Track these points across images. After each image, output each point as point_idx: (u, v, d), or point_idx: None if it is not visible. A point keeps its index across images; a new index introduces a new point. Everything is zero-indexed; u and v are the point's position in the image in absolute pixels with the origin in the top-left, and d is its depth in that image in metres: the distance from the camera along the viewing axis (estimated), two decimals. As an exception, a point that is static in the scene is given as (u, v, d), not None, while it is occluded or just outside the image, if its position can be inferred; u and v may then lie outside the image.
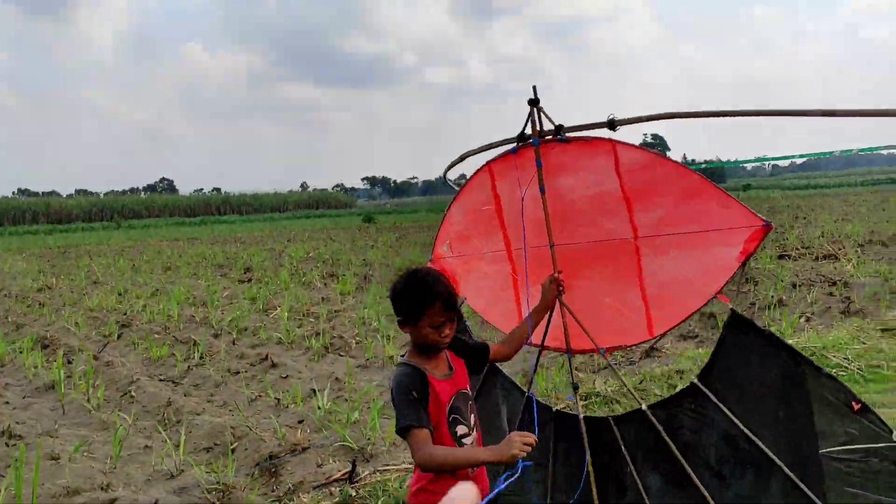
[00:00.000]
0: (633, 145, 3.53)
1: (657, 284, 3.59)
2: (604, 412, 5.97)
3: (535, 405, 3.58)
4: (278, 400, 7.23)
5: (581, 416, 3.70)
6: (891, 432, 3.03)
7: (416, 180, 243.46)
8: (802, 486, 3.13)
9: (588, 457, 3.62)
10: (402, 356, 3.00)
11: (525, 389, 4.03)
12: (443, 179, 4.65)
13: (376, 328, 10.30)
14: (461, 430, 2.85)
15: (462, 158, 4.24)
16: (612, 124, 3.38)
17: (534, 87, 3.46)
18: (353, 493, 4.85)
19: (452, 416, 2.83)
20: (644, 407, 3.62)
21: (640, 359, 7.99)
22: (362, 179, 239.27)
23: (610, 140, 3.52)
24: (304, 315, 12.11)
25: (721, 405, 3.37)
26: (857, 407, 3.09)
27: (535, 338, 3.50)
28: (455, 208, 4.26)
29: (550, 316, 3.60)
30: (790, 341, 6.28)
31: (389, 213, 79.42)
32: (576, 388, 3.76)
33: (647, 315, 3.65)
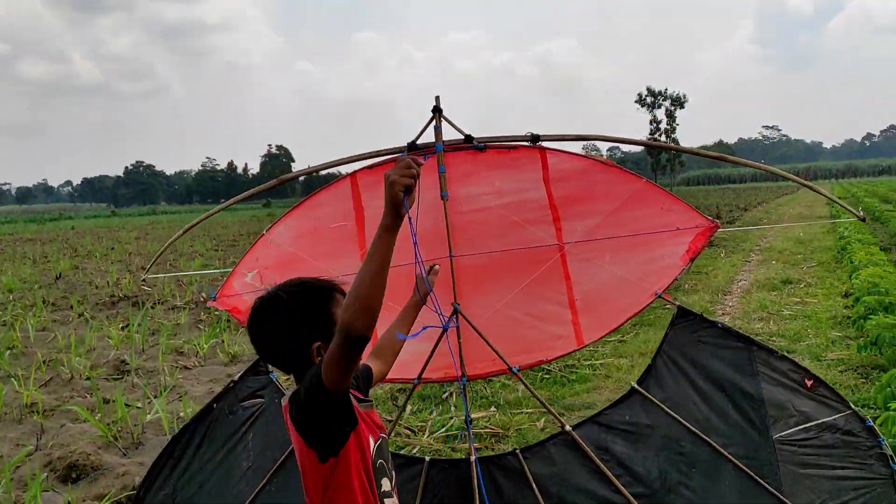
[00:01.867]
0: (569, 153, 3.50)
1: (589, 291, 3.50)
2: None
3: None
4: None
5: (474, 458, 3.38)
6: (844, 402, 3.22)
7: (7, 186, 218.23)
8: (755, 476, 3.19)
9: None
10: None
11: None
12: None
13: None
14: (386, 484, 2.15)
15: (309, 172, 3.81)
16: (535, 139, 3.41)
17: (437, 97, 3.37)
18: None
19: (379, 461, 2.13)
20: (568, 427, 3.45)
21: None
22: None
23: (539, 148, 3.46)
24: None
25: (663, 406, 3.34)
26: (810, 384, 3.25)
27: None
28: (281, 228, 3.63)
29: (438, 342, 3.35)
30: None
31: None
32: (469, 422, 3.45)
33: (575, 324, 3.51)
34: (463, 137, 3.44)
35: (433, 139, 3.40)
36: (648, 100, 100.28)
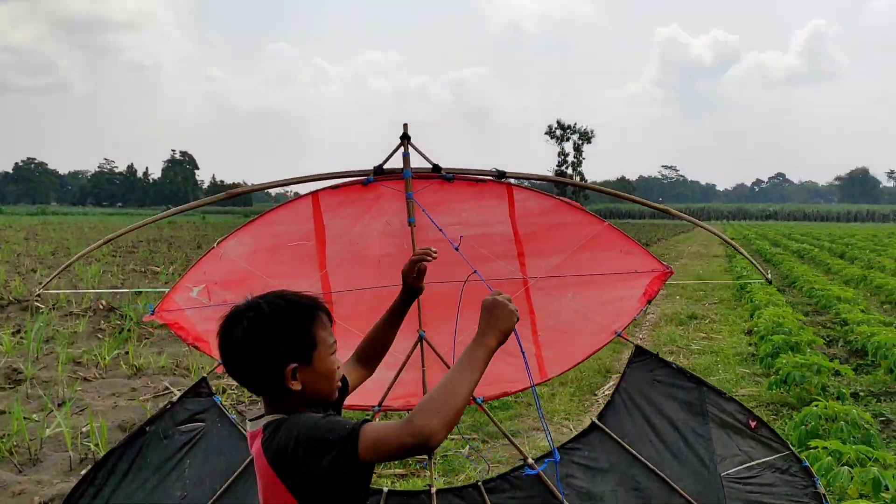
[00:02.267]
0: (536, 191, 3.57)
1: (552, 326, 3.54)
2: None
3: None
4: None
5: (433, 490, 3.37)
6: (783, 443, 3.40)
7: None
8: None
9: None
10: (258, 418, 1.92)
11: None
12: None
13: None
14: None
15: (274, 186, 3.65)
16: (500, 175, 3.47)
17: (405, 125, 3.40)
18: None
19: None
20: (531, 460, 3.44)
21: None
22: None
23: (507, 184, 3.51)
24: None
25: (621, 442, 3.39)
26: (753, 425, 3.43)
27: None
28: (233, 242, 3.45)
29: (400, 370, 3.26)
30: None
31: None
32: (429, 455, 3.49)
33: (539, 357, 3.54)
34: (431, 166, 3.43)
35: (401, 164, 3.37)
36: (558, 132, 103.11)
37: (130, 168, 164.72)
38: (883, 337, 8.54)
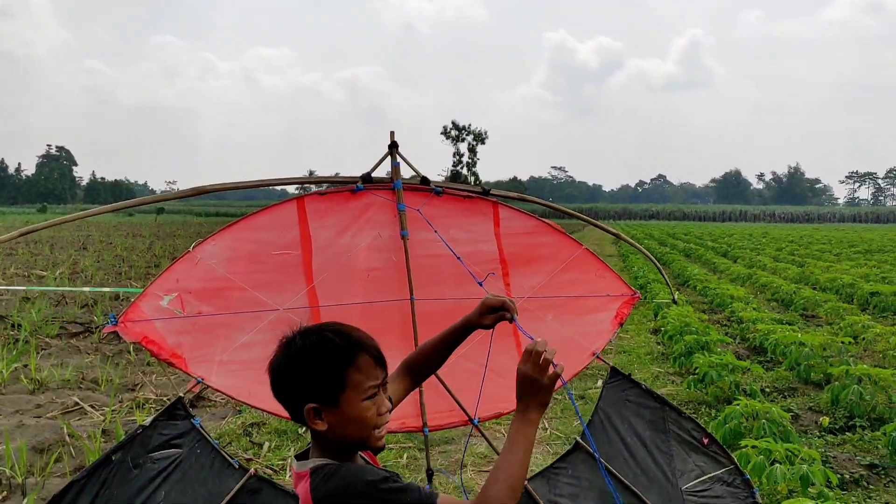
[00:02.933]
0: (519, 210, 3.58)
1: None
2: None
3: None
4: None
5: None
6: (730, 458, 3.66)
7: None
8: None
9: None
10: (306, 461, 1.87)
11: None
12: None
13: None
14: None
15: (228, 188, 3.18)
16: (485, 192, 3.49)
17: (391, 132, 3.33)
18: None
19: None
20: (526, 482, 3.37)
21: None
22: None
23: (494, 202, 3.52)
24: None
25: (601, 460, 3.49)
26: (706, 441, 3.69)
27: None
28: (212, 247, 3.18)
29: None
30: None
31: None
32: (430, 474, 3.46)
33: None
34: (419, 178, 3.39)
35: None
36: (453, 133, 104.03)
37: (0, 163, 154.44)
38: (780, 335, 9.10)
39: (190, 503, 2.88)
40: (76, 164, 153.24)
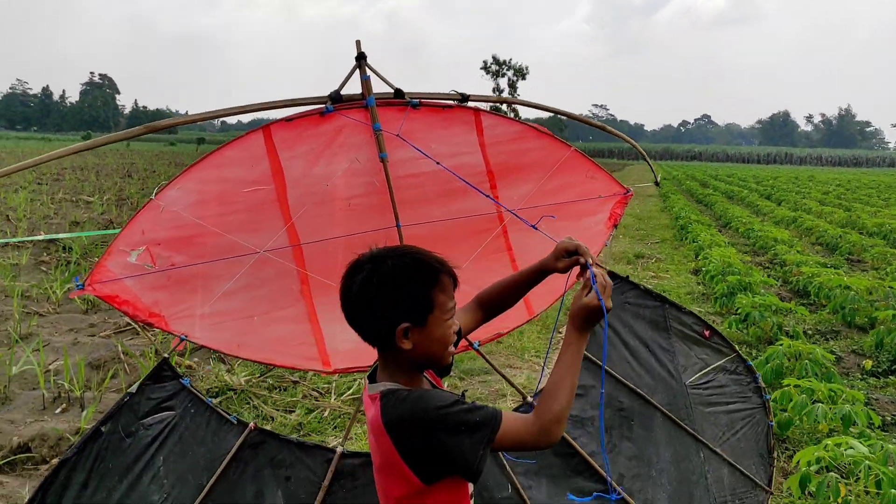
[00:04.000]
0: (502, 116, 3.36)
1: (530, 261, 3.30)
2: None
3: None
4: None
5: None
6: (731, 347, 3.69)
7: None
8: (677, 420, 3.47)
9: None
10: (376, 384, 1.91)
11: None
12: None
13: None
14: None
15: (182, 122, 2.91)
16: (464, 99, 3.23)
17: (357, 42, 3.00)
18: None
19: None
20: (530, 398, 3.38)
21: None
22: None
23: (475, 109, 3.26)
24: None
25: (604, 366, 3.41)
26: (707, 334, 3.65)
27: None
28: (175, 192, 2.85)
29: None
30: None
31: None
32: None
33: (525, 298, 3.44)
34: (392, 91, 3.09)
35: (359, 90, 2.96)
36: (493, 68, 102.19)
37: (45, 90, 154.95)
38: (825, 278, 9.00)
39: (191, 465, 2.76)
40: (119, 93, 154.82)
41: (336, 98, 2.98)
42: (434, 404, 1.78)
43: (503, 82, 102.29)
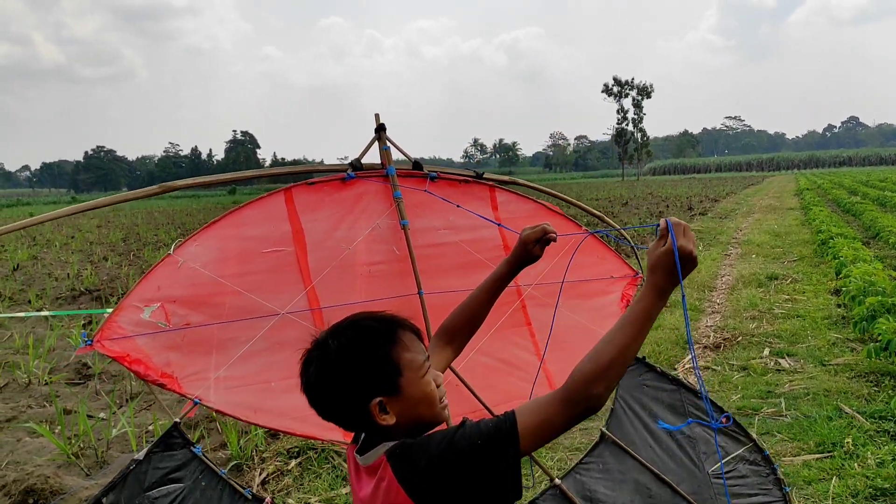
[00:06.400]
0: (517, 194, 3.42)
1: (551, 337, 3.20)
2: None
3: None
4: None
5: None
6: (748, 436, 3.58)
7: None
8: None
9: None
10: (373, 451, 1.70)
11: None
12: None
13: None
14: None
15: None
16: (479, 176, 3.32)
17: (377, 115, 3.09)
18: None
19: None
20: (558, 481, 3.29)
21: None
22: None
23: (490, 185, 3.33)
24: None
25: (630, 451, 3.36)
26: (725, 422, 3.28)
27: None
28: (195, 248, 2.76)
29: None
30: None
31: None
32: None
33: (546, 371, 3.31)
34: (411, 164, 3.17)
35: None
36: (615, 89, 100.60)
37: (195, 150, 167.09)
38: None
39: None
40: (259, 147, 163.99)
41: (357, 166, 3.03)
42: (442, 437, 1.59)
43: (627, 103, 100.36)
